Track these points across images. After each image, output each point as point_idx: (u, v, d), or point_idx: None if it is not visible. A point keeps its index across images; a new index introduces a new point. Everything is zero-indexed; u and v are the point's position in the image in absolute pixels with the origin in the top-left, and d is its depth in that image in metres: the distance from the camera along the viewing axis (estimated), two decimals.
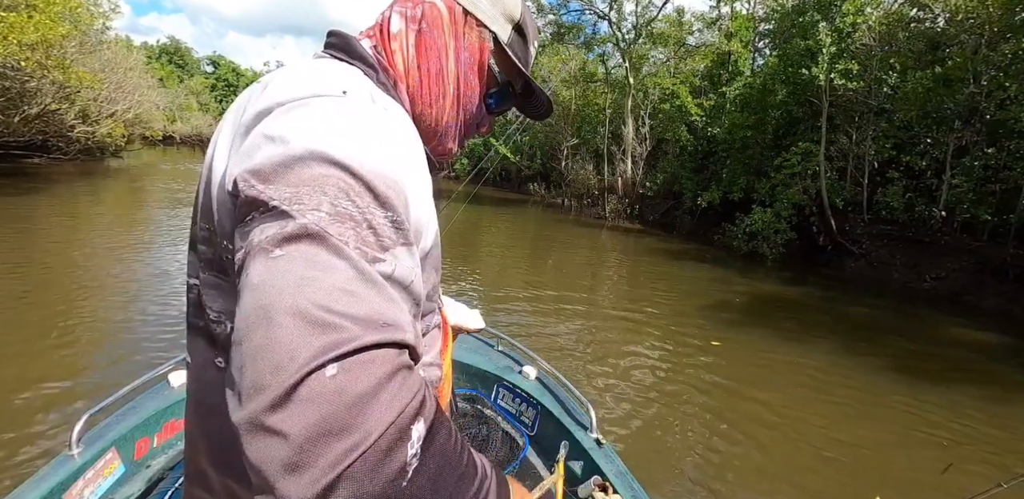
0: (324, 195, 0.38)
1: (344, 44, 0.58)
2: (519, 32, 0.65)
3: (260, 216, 0.38)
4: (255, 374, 0.32)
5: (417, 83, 0.59)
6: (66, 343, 3.84)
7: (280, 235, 0.36)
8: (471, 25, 0.61)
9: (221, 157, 0.48)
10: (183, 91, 46.30)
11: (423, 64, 0.59)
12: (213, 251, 0.48)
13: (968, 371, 5.22)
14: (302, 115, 0.42)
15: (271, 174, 0.39)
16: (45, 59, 10.76)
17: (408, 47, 0.59)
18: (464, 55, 0.60)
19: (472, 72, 0.61)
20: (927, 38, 10.44)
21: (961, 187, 9.08)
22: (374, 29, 0.61)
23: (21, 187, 11.12)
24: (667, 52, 18.27)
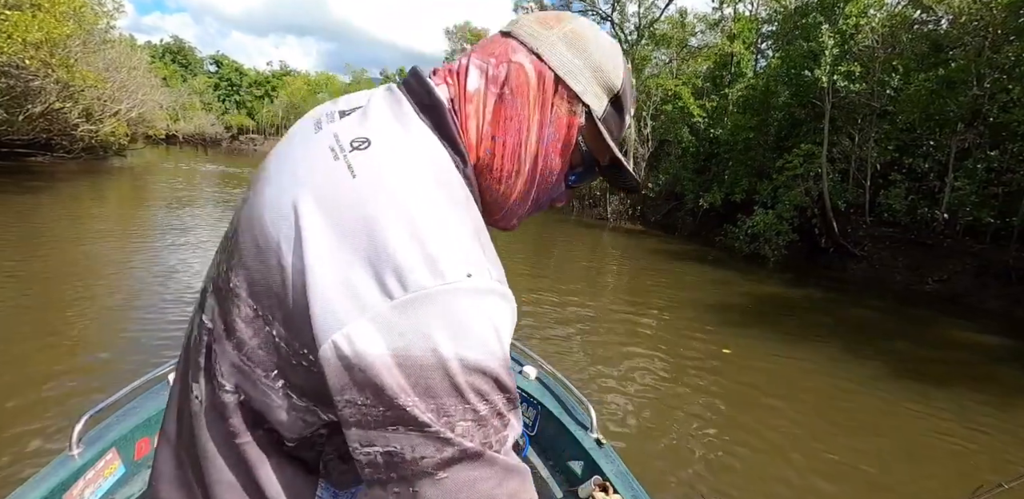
0: (466, 404, 0.40)
1: (434, 111, 0.50)
2: (616, 104, 0.55)
3: (408, 431, 0.39)
4: None
5: (488, 156, 0.52)
6: (67, 342, 3.85)
7: (438, 460, 0.39)
8: (562, 96, 0.52)
9: (324, 278, 0.41)
10: (186, 90, 46.45)
11: (499, 136, 0.51)
12: (259, 341, 0.45)
13: (971, 373, 5.21)
14: (438, 313, 0.39)
15: (411, 382, 0.39)
16: (49, 58, 10.81)
17: (485, 113, 0.51)
18: (549, 131, 0.52)
19: (555, 150, 0.53)
20: (930, 40, 10.43)
21: (964, 189, 9.06)
22: (452, 77, 0.53)
23: (24, 185, 11.15)
24: (669, 53, 18.26)
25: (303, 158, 0.49)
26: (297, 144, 0.52)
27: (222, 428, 0.48)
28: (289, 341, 0.44)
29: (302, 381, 0.45)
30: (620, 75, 0.54)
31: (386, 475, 0.40)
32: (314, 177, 0.46)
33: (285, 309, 0.43)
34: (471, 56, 0.54)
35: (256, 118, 57.30)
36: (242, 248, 0.48)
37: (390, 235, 0.40)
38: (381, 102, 0.51)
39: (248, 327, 0.46)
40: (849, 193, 11.08)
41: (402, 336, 0.39)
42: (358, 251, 0.40)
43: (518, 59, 0.51)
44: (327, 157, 0.46)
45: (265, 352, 0.45)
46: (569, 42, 0.52)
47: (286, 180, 0.48)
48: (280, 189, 0.47)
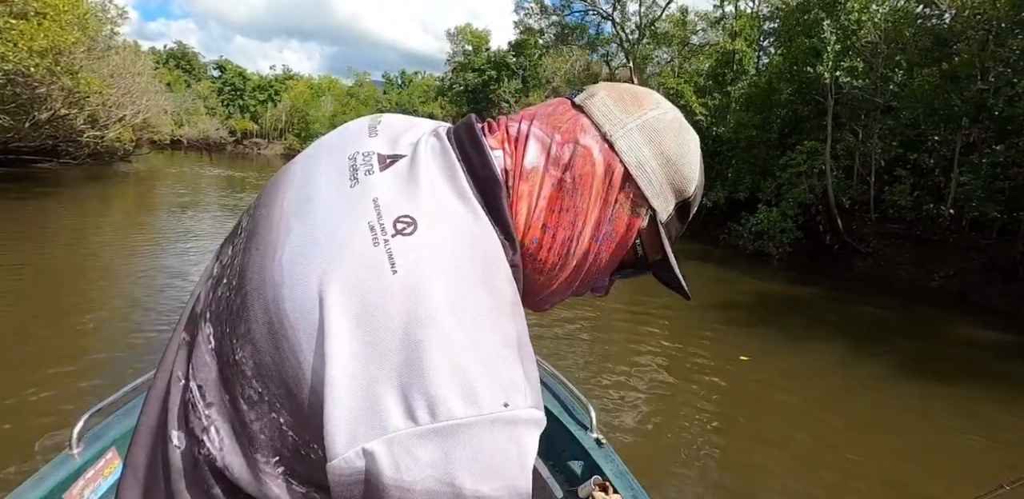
0: None
1: (493, 185, 0.44)
2: (682, 209, 0.51)
3: None
4: None
5: (535, 246, 0.46)
6: (69, 343, 3.90)
7: None
8: (628, 194, 0.47)
9: (341, 384, 0.36)
10: (190, 95, 46.74)
11: (550, 227, 0.46)
12: (261, 425, 0.40)
13: (978, 370, 5.17)
14: (457, 448, 0.35)
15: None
16: (55, 65, 10.94)
17: (539, 197, 0.46)
18: (606, 229, 0.47)
19: (608, 249, 0.48)
20: (934, 35, 10.35)
21: (969, 185, 8.99)
22: (511, 144, 0.47)
23: (31, 191, 11.27)
24: (671, 52, 18.23)
25: (337, 226, 0.41)
26: (328, 192, 0.44)
27: (204, 491, 0.43)
28: (299, 431, 0.39)
29: (307, 470, 0.40)
30: (696, 178, 0.50)
31: None
32: (346, 261, 0.39)
33: (295, 403, 0.39)
34: (533, 124, 0.47)
35: (260, 122, 57.61)
36: (251, 320, 0.41)
37: (428, 357, 0.36)
38: (432, 165, 0.44)
39: (251, 409, 0.40)
40: (853, 190, 11.02)
41: (419, 465, 0.35)
42: (389, 367, 0.36)
43: (586, 143, 0.46)
44: (365, 237, 0.40)
45: (268, 437, 0.40)
46: (649, 136, 0.47)
47: (310, 253, 0.40)
48: (303, 259, 0.40)
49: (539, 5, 21.28)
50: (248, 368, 0.41)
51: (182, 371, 0.46)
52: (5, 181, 12.17)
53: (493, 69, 31.81)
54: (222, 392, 0.42)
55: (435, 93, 37.04)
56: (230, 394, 0.41)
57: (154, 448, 0.47)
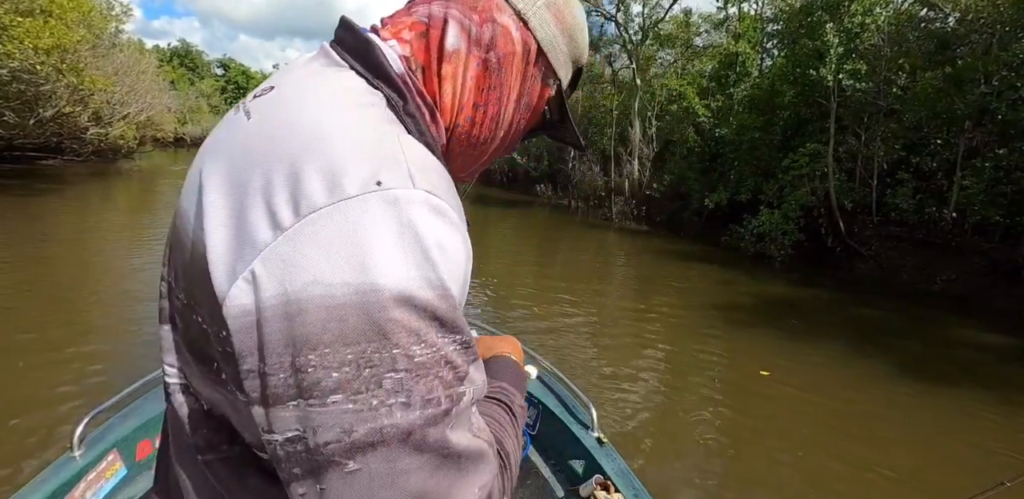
0: (395, 349, 0.31)
1: (364, 51, 0.45)
2: (577, 74, 0.56)
3: (309, 406, 0.31)
4: None
5: (468, 124, 0.49)
6: (70, 343, 3.88)
7: (360, 443, 0.31)
8: (540, 68, 0.50)
9: (217, 231, 0.35)
10: (194, 93, 46.79)
11: (481, 104, 0.48)
12: (193, 333, 0.41)
13: (980, 373, 5.16)
14: (333, 238, 0.31)
15: (319, 335, 0.30)
16: (60, 63, 10.96)
17: (465, 78, 0.47)
18: (524, 100, 0.51)
19: (525, 118, 0.53)
20: (937, 38, 10.34)
21: (972, 188, 8.98)
22: (410, 30, 0.47)
23: (35, 188, 11.30)
24: (674, 53, 18.22)
25: (221, 128, 0.47)
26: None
27: (191, 441, 0.43)
28: (212, 326, 0.36)
29: (230, 368, 0.37)
30: (586, 46, 0.55)
31: (289, 471, 0.32)
32: (216, 138, 0.44)
33: (199, 287, 0.37)
34: (449, 7, 0.47)
35: None
36: (170, 241, 0.46)
37: (278, 161, 0.35)
38: (301, 56, 0.50)
39: (182, 320, 0.43)
40: (856, 192, 11.01)
41: (296, 273, 0.31)
42: (250, 190, 0.35)
43: (504, 21, 0.47)
44: (231, 116, 0.45)
45: (202, 344, 0.40)
46: (554, 13, 0.50)
47: (198, 159, 0.46)
48: (193, 167, 0.45)
49: None
50: (174, 281, 0.45)
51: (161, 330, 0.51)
52: (9, 178, 12.21)
53: None
54: (171, 319, 0.46)
55: None
56: (175, 315, 0.46)
57: (166, 418, 0.51)
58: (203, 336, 0.39)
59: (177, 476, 0.45)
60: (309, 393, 0.31)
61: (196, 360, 0.42)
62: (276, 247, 0.32)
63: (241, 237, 0.34)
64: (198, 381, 0.42)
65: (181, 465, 0.44)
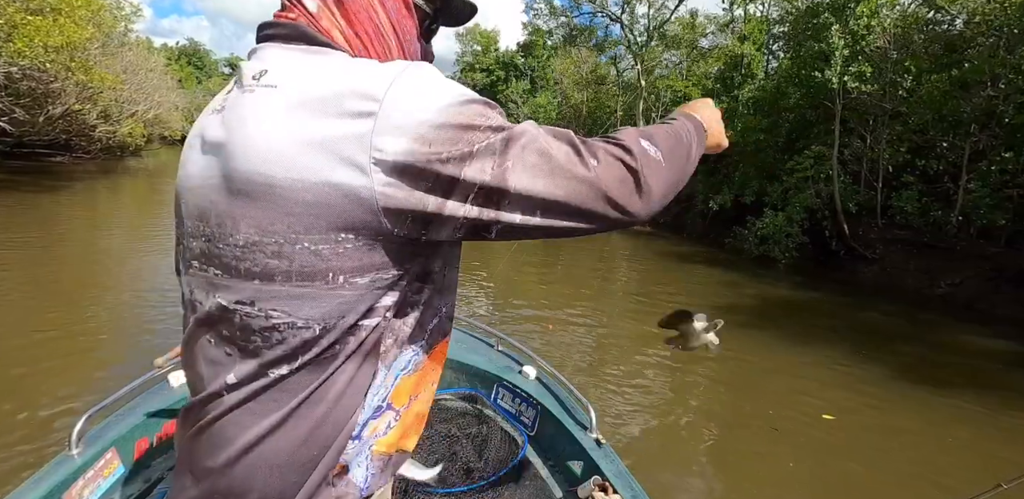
0: (485, 119, 0.51)
1: (299, 34, 0.57)
2: None
3: (468, 160, 0.49)
4: (621, 196, 0.54)
5: (363, 50, 0.59)
6: (72, 339, 3.90)
7: (505, 140, 0.50)
8: None
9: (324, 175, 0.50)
10: (201, 92, 46.98)
11: (359, 30, 0.58)
12: (288, 262, 0.51)
13: (983, 379, 5.15)
14: (414, 93, 0.50)
15: (444, 138, 0.48)
16: (69, 61, 11.03)
17: (337, 20, 0.58)
18: (389, 4, 0.60)
19: (402, 16, 0.61)
20: (944, 40, 10.29)
21: (978, 192, 8.93)
22: (295, 9, 0.59)
23: (44, 185, 11.39)
24: (679, 55, 18.19)
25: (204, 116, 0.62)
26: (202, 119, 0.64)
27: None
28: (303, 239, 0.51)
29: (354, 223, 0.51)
30: None
31: (483, 201, 0.50)
32: (241, 119, 0.55)
33: (279, 216, 0.51)
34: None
35: None
36: (210, 215, 0.56)
37: (333, 87, 0.50)
38: (258, 51, 0.59)
39: (274, 259, 0.52)
40: (860, 195, 10.97)
41: (406, 118, 0.48)
42: (333, 134, 0.49)
43: None
44: (236, 94, 0.57)
45: (306, 263, 0.52)
46: None
47: (193, 143, 0.61)
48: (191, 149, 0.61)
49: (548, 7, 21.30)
50: (238, 233, 0.54)
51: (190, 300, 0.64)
52: (19, 174, 12.32)
53: (501, 69, 31.82)
54: (229, 273, 0.56)
55: None
56: (235, 267, 0.56)
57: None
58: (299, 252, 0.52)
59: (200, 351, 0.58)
60: (463, 159, 0.49)
61: (300, 280, 0.52)
62: (379, 122, 0.48)
63: (323, 141, 0.49)
64: (295, 300, 0.53)
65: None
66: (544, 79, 28.72)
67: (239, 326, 0.54)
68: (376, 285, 0.53)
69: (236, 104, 0.55)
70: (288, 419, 0.54)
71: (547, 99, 24.28)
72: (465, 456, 1.92)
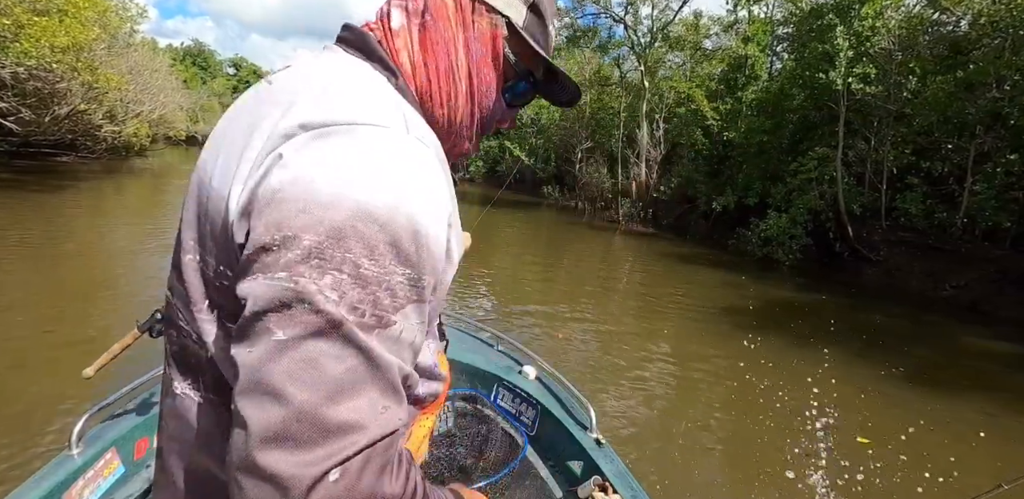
0: (347, 253, 0.35)
1: (361, 42, 0.53)
2: (535, 12, 0.57)
3: (269, 278, 0.35)
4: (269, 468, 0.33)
5: (426, 82, 0.53)
6: (74, 341, 3.90)
7: (291, 318, 0.34)
8: (480, 12, 0.54)
9: (228, 181, 0.43)
10: (205, 92, 47.22)
11: (430, 62, 0.53)
12: (196, 279, 0.48)
13: (987, 382, 5.12)
14: (333, 150, 0.38)
15: (291, 220, 0.35)
16: (75, 62, 11.10)
17: (412, 44, 0.53)
18: (475, 47, 0.54)
19: (485, 65, 0.55)
20: (949, 42, 10.26)
21: (983, 194, 8.89)
22: (377, 22, 0.56)
23: (49, 184, 11.46)
24: (683, 56, 18.17)
25: (239, 108, 0.55)
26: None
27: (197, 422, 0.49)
28: (212, 263, 0.45)
29: (228, 303, 0.43)
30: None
31: (236, 336, 0.37)
32: (238, 102, 0.53)
33: (212, 226, 0.45)
34: (390, 1, 0.56)
35: None
36: (187, 199, 0.52)
37: (298, 94, 0.44)
38: (309, 53, 0.56)
39: (186, 266, 0.48)
40: (865, 197, 10.93)
41: (292, 169, 0.37)
42: (270, 114, 0.44)
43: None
44: (252, 88, 0.54)
45: (197, 283, 0.47)
46: None
47: (228, 136, 0.53)
48: (217, 141, 0.53)
49: None
50: (185, 235, 0.50)
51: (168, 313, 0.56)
52: (25, 174, 12.39)
53: None
54: (177, 264, 0.51)
55: None
56: (177, 261, 0.51)
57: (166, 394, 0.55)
58: (197, 273, 0.47)
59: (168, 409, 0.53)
60: (267, 270, 0.36)
61: (187, 294, 0.48)
62: (283, 151, 0.39)
63: (253, 152, 0.42)
64: (185, 309, 0.49)
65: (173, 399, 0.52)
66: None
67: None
68: None
69: (242, 96, 0.55)
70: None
71: None
72: (465, 456, 1.92)
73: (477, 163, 31.30)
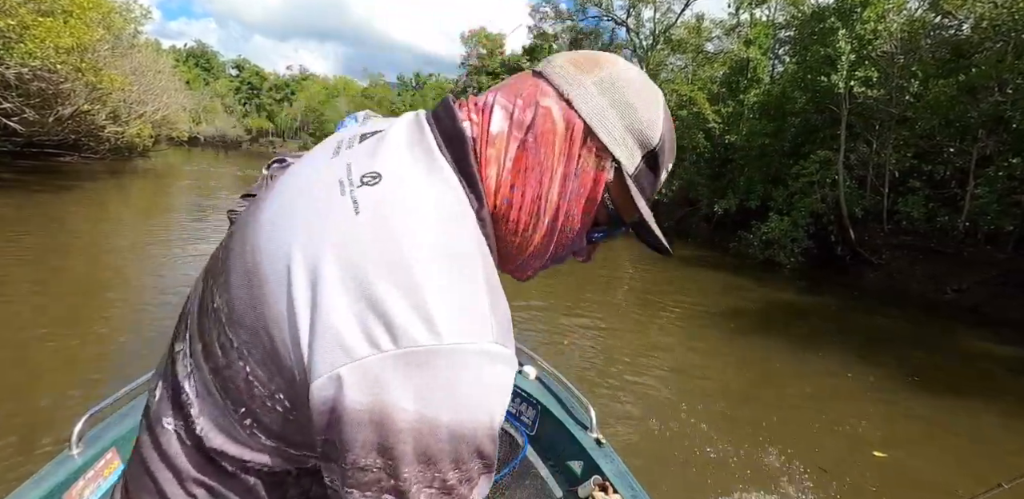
0: (436, 472, 0.37)
1: (459, 148, 0.46)
2: (650, 161, 0.50)
3: (366, 493, 0.37)
4: None
5: (506, 206, 0.47)
6: (77, 338, 3.91)
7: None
8: (590, 148, 0.47)
9: (303, 314, 0.38)
10: (208, 93, 47.47)
11: (518, 186, 0.47)
12: (232, 373, 0.42)
13: (989, 385, 5.11)
14: (430, 383, 0.36)
15: (379, 442, 0.36)
16: (79, 62, 11.15)
17: (506, 160, 0.46)
18: (573, 184, 0.47)
19: (578, 206, 0.48)
20: (951, 45, 10.27)
21: (985, 197, 8.88)
22: (477, 114, 0.48)
23: (52, 184, 11.49)
24: (685, 59, 18.20)
25: (311, 187, 0.45)
26: (310, 168, 0.49)
27: (179, 463, 0.46)
28: (264, 382, 0.40)
29: (274, 425, 0.41)
30: (659, 128, 0.49)
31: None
32: (316, 212, 0.42)
33: (263, 349, 0.40)
34: (496, 94, 0.49)
35: (275, 121, 58.29)
36: (231, 271, 0.44)
37: (385, 286, 0.37)
38: (402, 129, 0.48)
39: (224, 356, 0.42)
40: (866, 200, 10.93)
41: (383, 391, 0.35)
42: (350, 298, 0.37)
43: (546, 104, 0.47)
44: (334, 191, 0.43)
45: (236, 387, 0.42)
46: (605, 89, 0.47)
47: (288, 210, 0.44)
48: (281, 218, 0.44)
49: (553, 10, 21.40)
50: (224, 314, 0.43)
51: (174, 350, 0.50)
52: (28, 174, 12.44)
53: (507, 73, 31.96)
54: (200, 338, 0.45)
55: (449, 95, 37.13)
56: (205, 340, 0.45)
57: (149, 425, 0.50)
58: (242, 381, 0.41)
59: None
60: (367, 487, 0.37)
61: (223, 392, 0.43)
62: (369, 364, 0.35)
63: (329, 335, 0.36)
64: (212, 408, 0.44)
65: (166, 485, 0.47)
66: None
67: None
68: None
69: (323, 197, 0.43)
70: None
71: None
72: None
73: None
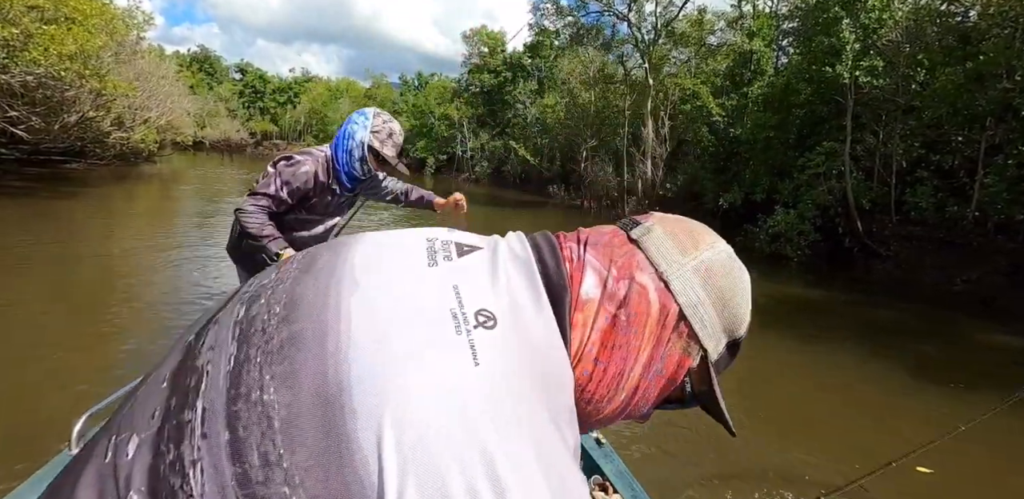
0: None
1: (564, 298, 0.44)
2: (732, 348, 0.50)
3: None
4: None
5: (584, 378, 0.45)
6: (80, 339, 3.96)
7: None
8: (681, 334, 0.46)
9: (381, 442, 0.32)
10: (212, 98, 47.78)
11: (602, 360, 0.45)
12: (267, 491, 0.33)
13: (1001, 377, 5.04)
14: None
15: None
16: (83, 69, 11.25)
17: (593, 330, 0.45)
18: (657, 366, 0.47)
19: (656, 385, 0.48)
20: (958, 33, 10.11)
21: (994, 187, 8.75)
22: (580, 274, 0.46)
23: (60, 191, 11.62)
24: (688, 52, 18.08)
25: (410, 298, 0.40)
26: (400, 258, 0.44)
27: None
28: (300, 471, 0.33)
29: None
30: (747, 322, 0.49)
31: None
32: (433, 348, 0.37)
33: (325, 486, 0.33)
34: (589, 250, 0.48)
35: (279, 124, 58.57)
36: (299, 369, 0.36)
37: (496, 463, 0.33)
38: (513, 265, 0.45)
39: (263, 469, 0.34)
40: (874, 191, 10.81)
41: None
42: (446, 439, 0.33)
43: (642, 281, 0.46)
44: (448, 323, 0.38)
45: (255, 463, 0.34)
46: (704, 278, 0.47)
47: (384, 314, 0.38)
48: (374, 326, 0.38)
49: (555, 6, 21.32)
50: (277, 417, 0.35)
51: (184, 384, 0.41)
52: (35, 181, 12.59)
53: (509, 71, 31.88)
54: (229, 426, 0.36)
55: (451, 95, 37.17)
56: (237, 434, 0.35)
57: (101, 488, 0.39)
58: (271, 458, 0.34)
59: None
60: None
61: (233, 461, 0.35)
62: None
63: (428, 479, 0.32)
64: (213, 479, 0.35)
65: None
66: (551, 79, 28.70)
67: None
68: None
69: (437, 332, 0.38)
70: None
71: (555, 99, 24.27)
72: None
73: (483, 163, 31.34)
